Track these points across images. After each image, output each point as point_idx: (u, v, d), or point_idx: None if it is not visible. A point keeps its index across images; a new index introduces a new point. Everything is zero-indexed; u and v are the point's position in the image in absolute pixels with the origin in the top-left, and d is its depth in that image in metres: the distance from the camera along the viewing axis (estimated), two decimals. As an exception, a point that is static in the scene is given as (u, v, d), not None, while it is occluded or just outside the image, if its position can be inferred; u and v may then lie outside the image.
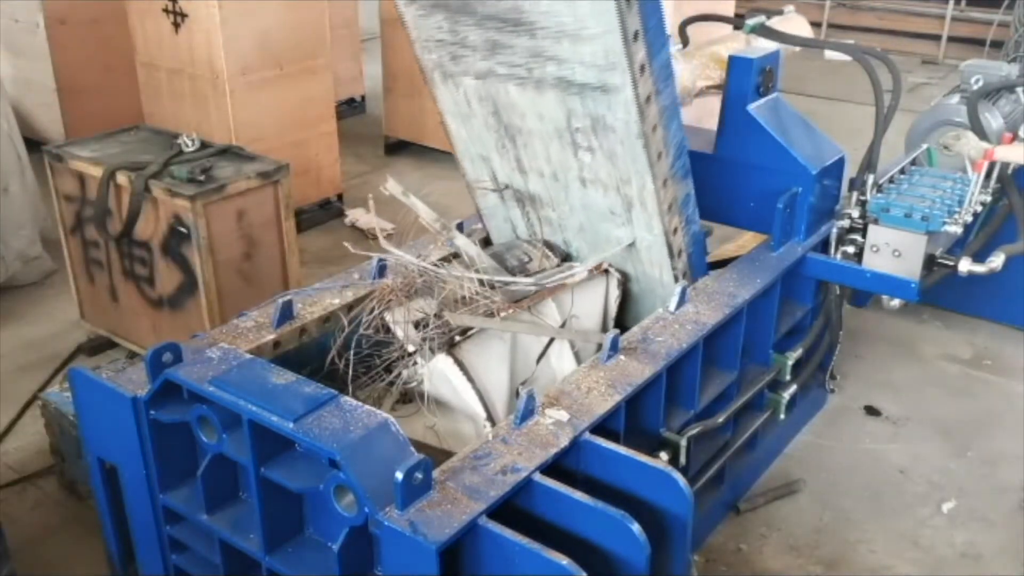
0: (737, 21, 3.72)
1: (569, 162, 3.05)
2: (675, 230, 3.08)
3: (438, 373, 2.77)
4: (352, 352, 2.87)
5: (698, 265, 3.27)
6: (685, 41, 3.75)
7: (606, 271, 3.23)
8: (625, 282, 3.30)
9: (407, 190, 3.17)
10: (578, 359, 3.02)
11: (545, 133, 3.02)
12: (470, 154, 3.38)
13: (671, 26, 3.72)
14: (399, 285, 2.91)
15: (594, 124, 2.85)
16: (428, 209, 3.19)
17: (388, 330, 2.88)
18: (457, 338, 2.82)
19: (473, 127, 3.23)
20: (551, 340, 3.01)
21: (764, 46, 3.71)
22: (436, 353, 2.76)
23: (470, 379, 2.76)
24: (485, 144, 3.26)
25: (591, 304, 3.22)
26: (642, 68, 2.64)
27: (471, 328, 2.84)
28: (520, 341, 2.95)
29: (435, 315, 2.82)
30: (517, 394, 2.77)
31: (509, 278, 3.01)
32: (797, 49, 3.92)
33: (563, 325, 3.08)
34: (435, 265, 2.98)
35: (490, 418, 2.72)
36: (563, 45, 2.70)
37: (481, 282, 2.90)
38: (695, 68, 3.62)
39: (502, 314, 2.86)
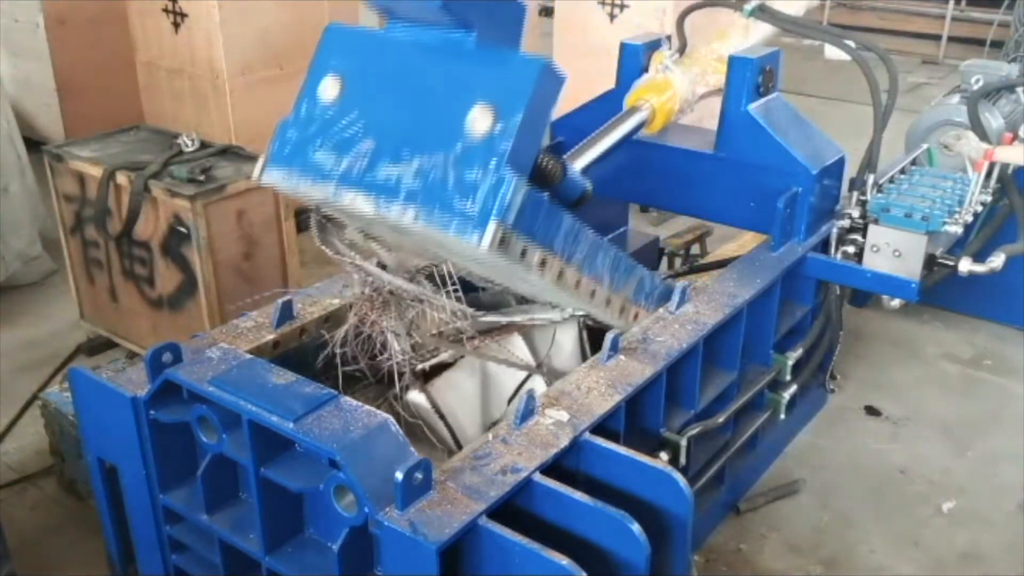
0: (736, 4, 3.69)
1: (514, 279, 2.87)
2: (635, 315, 3.00)
3: (412, 407, 2.79)
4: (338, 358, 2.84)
5: (661, 297, 3.14)
6: (683, 43, 3.71)
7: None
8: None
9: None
10: None
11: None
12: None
13: (670, 24, 3.74)
14: (375, 300, 2.80)
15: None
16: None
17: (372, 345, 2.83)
18: (428, 367, 2.80)
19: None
20: (525, 378, 2.97)
21: (762, 30, 3.70)
22: (410, 384, 2.75)
23: (441, 416, 2.78)
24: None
25: (568, 344, 3.16)
26: (542, 263, 2.49)
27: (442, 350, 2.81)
28: (493, 379, 2.92)
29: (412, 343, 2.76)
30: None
31: (487, 314, 2.92)
32: (805, 41, 3.89)
33: (539, 365, 3.04)
34: (414, 281, 2.86)
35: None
36: (468, 261, 2.63)
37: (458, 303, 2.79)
38: (694, 76, 3.61)
39: (474, 343, 2.82)
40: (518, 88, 2.23)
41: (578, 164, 3.23)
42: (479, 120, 2.24)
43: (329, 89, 2.47)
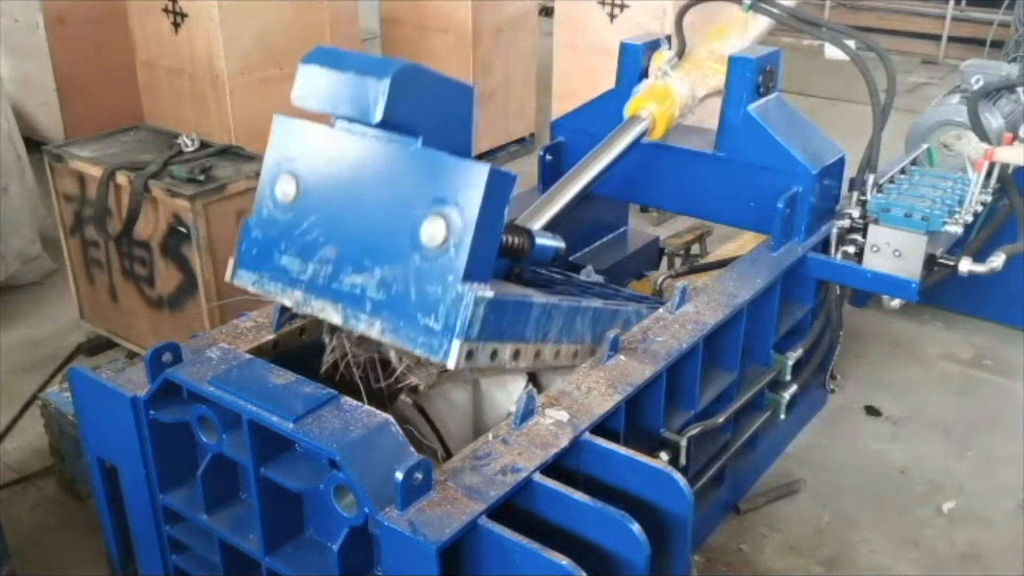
0: None
1: None
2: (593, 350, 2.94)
3: (400, 411, 2.79)
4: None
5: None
6: (682, 44, 3.70)
7: None
8: None
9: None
10: None
11: None
12: None
13: (671, 24, 3.74)
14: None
15: None
16: None
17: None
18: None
19: None
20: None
21: (762, 24, 3.69)
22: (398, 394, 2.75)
23: (430, 422, 2.77)
24: None
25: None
26: (515, 354, 2.49)
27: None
28: (486, 394, 2.90)
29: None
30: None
31: None
32: (805, 41, 3.88)
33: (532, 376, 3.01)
34: None
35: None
36: None
37: None
38: (693, 80, 3.61)
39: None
40: (468, 197, 2.22)
41: (578, 184, 3.29)
42: (433, 231, 2.23)
43: (285, 189, 2.46)
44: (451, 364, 2.24)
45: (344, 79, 2.33)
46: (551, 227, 3.24)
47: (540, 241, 2.88)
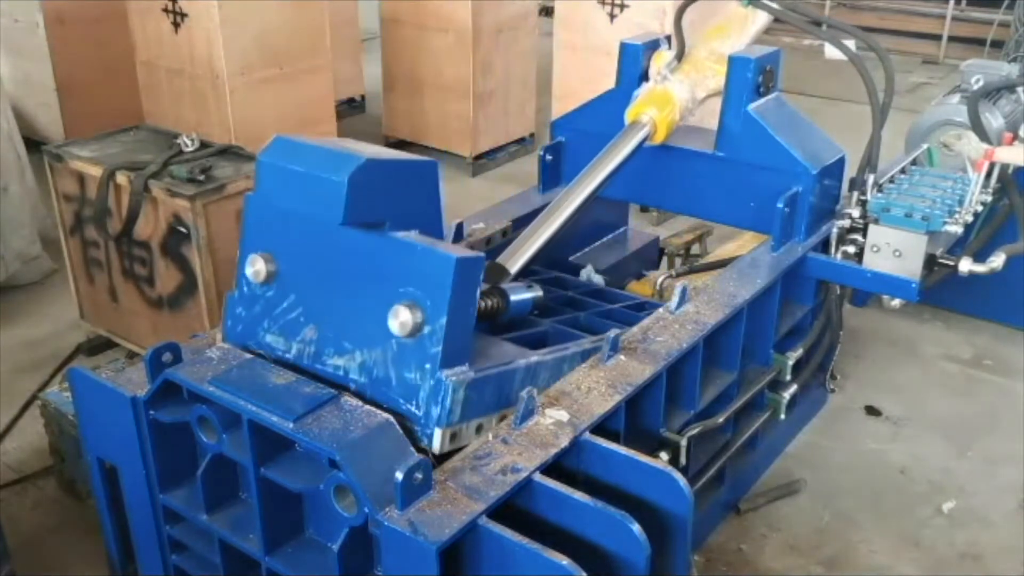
0: None
1: None
2: None
3: None
4: None
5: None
6: (681, 45, 3.68)
7: None
8: None
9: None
10: None
11: None
12: None
13: (671, 24, 3.73)
14: None
15: None
16: None
17: None
18: None
19: None
20: None
21: (761, 20, 3.68)
22: None
23: None
24: None
25: None
26: (502, 417, 2.49)
27: None
28: None
29: None
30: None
31: None
32: (805, 41, 3.87)
33: None
34: None
35: None
36: None
37: None
38: (693, 82, 3.60)
39: None
40: (438, 286, 2.23)
41: (583, 194, 3.29)
42: (407, 319, 2.24)
43: (265, 268, 2.47)
44: (436, 449, 2.27)
45: (303, 179, 2.34)
46: (557, 238, 3.25)
47: (515, 297, 2.88)
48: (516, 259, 3.11)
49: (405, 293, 2.27)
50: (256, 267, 2.47)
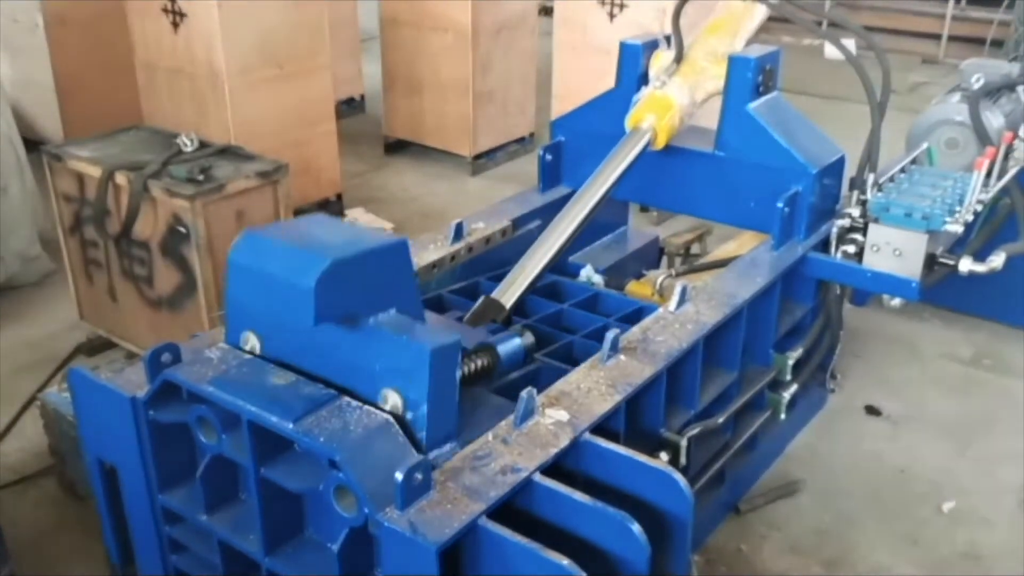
0: None
1: None
2: None
3: None
4: None
5: None
6: (680, 45, 3.65)
7: None
8: None
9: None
10: None
11: None
12: None
13: (669, 23, 3.73)
14: None
15: None
16: None
17: None
18: None
19: None
20: None
21: (758, 14, 3.68)
22: None
23: None
24: None
25: None
26: None
27: None
28: None
29: None
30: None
31: None
32: (805, 41, 3.86)
33: None
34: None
35: None
36: None
37: None
38: (692, 85, 3.60)
39: None
40: (416, 375, 2.23)
41: (591, 201, 3.32)
42: (391, 402, 2.26)
43: (258, 345, 2.47)
44: None
45: (272, 282, 2.34)
46: (564, 251, 3.26)
47: (505, 352, 2.83)
48: (512, 292, 3.09)
49: (386, 376, 2.27)
50: (251, 344, 2.48)
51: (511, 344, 2.84)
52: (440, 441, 2.29)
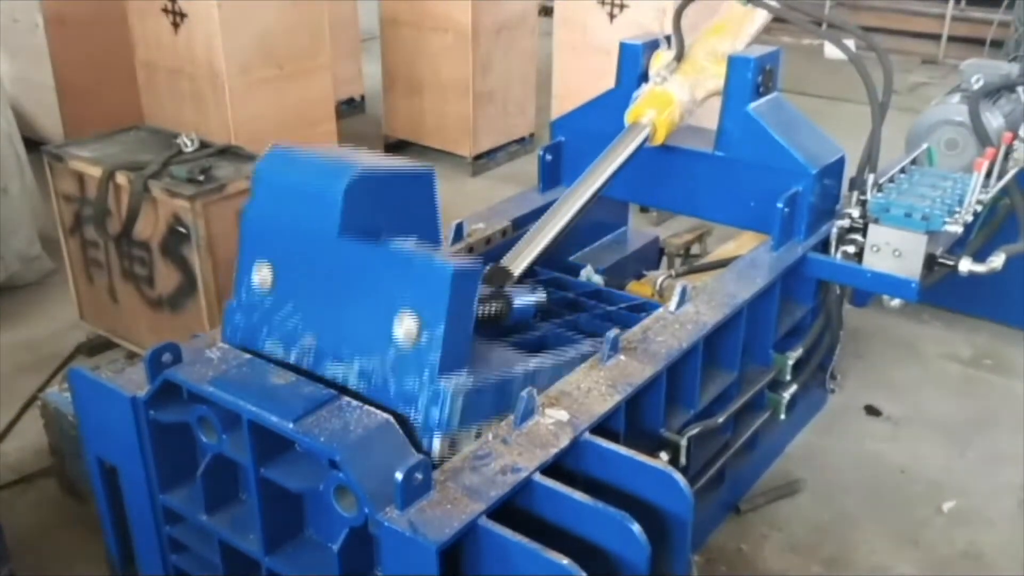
0: None
1: None
2: None
3: None
4: None
5: None
6: (680, 45, 3.66)
7: None
8: None
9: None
10: None
11: None
12: None
13: (671, 24, 3.73)
14: None
15: None
16: None
17: None
18: None
19: None
20: None
21: (759, 18, 3.68)
22: None
23: None
24: None
25: None
26: (502, 418, 2.49)
27: None
28: None
29: None
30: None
31: None
32: (804, 41, 3.86)
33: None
34: None
35: None
36: None
37: None
38: (693, 82, 3.60)
39: None
40: (435, 296, 2.23)
41: (584, 196, 3.29)
42: (405, 328, 2.26)
43: (262, 276, 2.48)
44: (435, 456, 2.27)
45: (299, 190, 2.35)
46: (558, 243, 3.25)
47: (519, 303, 2.88)
48: (520, 261, 3.11)
49: (403, 303, 2.27)
50: (263, 274, 2.48)
51: (524, 295, 2.88)
52: (452, 367, 2.27)
